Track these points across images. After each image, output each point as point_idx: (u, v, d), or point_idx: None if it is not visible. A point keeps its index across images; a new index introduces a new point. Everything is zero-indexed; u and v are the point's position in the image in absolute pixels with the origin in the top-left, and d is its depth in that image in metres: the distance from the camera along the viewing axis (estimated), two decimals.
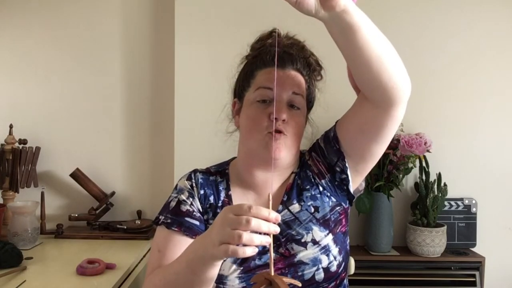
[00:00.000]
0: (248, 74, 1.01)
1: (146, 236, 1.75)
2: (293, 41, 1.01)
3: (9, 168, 1.78)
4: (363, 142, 0.92)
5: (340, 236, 0.97)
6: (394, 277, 1.69)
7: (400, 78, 0.80)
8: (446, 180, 1.76)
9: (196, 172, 1.05)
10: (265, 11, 1.78)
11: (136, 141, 1.94)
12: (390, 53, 0.78)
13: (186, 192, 1.00)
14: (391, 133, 0.89)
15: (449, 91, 1.84)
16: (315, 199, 0.97)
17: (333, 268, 0.92)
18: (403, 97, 0.82)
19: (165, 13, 1.89)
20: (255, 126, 0.94)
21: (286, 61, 0.97)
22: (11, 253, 1.39)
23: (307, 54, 1.01)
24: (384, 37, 0.77)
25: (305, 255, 0.92)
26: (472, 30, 1.84)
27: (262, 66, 0.98)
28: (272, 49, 0.97)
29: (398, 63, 0.79)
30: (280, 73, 0.95)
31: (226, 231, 0.69)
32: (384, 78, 0.78)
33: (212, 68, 1.80)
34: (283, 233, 0.94)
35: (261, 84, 0.95)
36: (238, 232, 0.68)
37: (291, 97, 0.95)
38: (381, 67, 0.77)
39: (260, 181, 0.99)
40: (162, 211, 1.00)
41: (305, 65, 1.00)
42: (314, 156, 1.00)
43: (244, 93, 1.00)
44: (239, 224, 0.68)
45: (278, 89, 0.93)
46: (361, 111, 0.89)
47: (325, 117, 1.10)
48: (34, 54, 1.92)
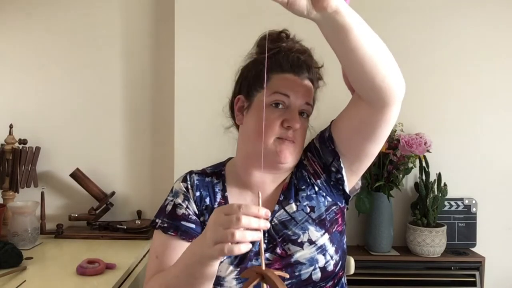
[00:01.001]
0: (261, 74, 0.96)
1: (146, 236, 1.75)
2: (303, 48, 1.02)
3: (9, 168, 1.79)
4: (357, 142, 0.93)
5: (336, 235, 0.97)
6: (394, 277, 1.69)
7: (393, 79, 0.80)
8: (446, 180, 1.76)
9: (191, 173, 1.05)
10: (265, 10, 1.78)
11: (136, 141, 1.94)
12: (384, 53, 0.78)
13: (181, 195, 1.01)
14: (385, 132, 0.90)
15: (449, 91, 1.84)
16: (311, 199, 0.98)
17: (330, 268, 0.93)
18: (396, 97, 0.82)
19: (165, 13, 1.89)
20: (266, 130, 0.93)
21: (303, 68, 0.98)
22: (11, 253, 1.38)
23: (316, 64, 1.03)
24: (377, 38, 0.77)
25: (301, 255, 0.92)
26: (472, 30, 1.84)
27: (279, 70, 0.97)
28: (290, 54, 0.98)
29: (391, 64, 0.79)
30: (298, 80, 0.97)
31: (219, 231, 0.71)
32: (378, 78, 0.78)
33: (212, 68, 1.80)
34: (279, 233, 0.94)
35: (279, 90, 0.95)
36: (230, 231, 0.70)
37: (304, 107, 0.97)
38: (375, 68, 0.77)
39: (257, 181, 1.00)
40: (158, 214, 1.01)
41: (315, 74, 1.02)
42: (310, 156, 1.01)
43: (254, 93, 0.99)
44: (231, 223, 0.70)
45: (293, 97, 0.95)
46: (355, 111, 0.90)
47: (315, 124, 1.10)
48: (34, 54, 1.91)
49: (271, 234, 0.95)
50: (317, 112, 1.05)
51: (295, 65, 0.97)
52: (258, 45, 1.04)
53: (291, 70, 0.97)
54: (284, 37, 1.02)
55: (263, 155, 0.93)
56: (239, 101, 1.02)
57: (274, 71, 0.97)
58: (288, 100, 0.95)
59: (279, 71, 0.97)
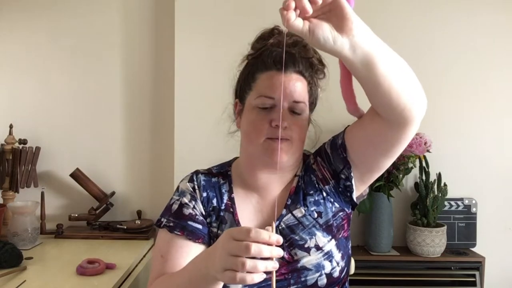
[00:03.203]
0: (249, 76, 0.97)
1: (146, 236, 1.74)
2: (296, 39, 0.96)
3: (9, 168, 1.79)
4: (372, 156, 0.91)
5: (342, 241, 0.96)
6: (394, 277, 1.69)
7: (418, 100, 0.79)
8: (446, 180, 1.76)
9: (198, 173, 1.03)
10: (266, 8, 1.78)
11: (136, 141, 1.94)
12: (409, 76, 0.77)
13: (188, 195, 0.99)
14: (402, 148, 0.88)
15: (449, 91, 1.84)
16: (319, 204, 0.96)
17: (336, 274, 0.92)
18: (419, 116, 0.82)
19: (165, 12, 1.89)
20: (254, 131, 0.92)
21: (287, 63, 0.92)
22: (11, 253, 1.38)
23: (310, 54, 0.97)
24: (402, 61, 0.76)
25: (308, 260, 0.91)
26: (472, 30, 1.84)
27: (263, 69, 0.94)
28: (274, 50, 0.94)
29: (416, 85, 0.78)
30: (281, 78, 0.91)
31: (229, 259, 0.68)
32: (403, 101, 0.77)
33: (212, 68, 1.80)
34: (286, 238, 0.93)
35: (262, 93, 0.92)
36: (241, 260, 0.66)
37: (292, 105, 0.93)
38: (401, 93, 0.76)
39: (263, 183, 0.98)
40: (164, 213, 0.99)
41: (307, 66, 0.96)
42: (319, 161, 0.99)
43: (245, 96, 0.98)
44: (240, 251, 0.66)
45: (278, 97, 0.91)
46: (372, 125, 0.87)
47: (328, 118, 1.08)
48: (34, 54, 1.91)
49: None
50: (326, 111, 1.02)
51: (278, 60, 0.92)
52: (251, 46, 1.02)
53: (275, 66, 0.93)
54: (276, 33, 0.98)
55: (259, 156, 0.93)
56: (237, 105, 1.02)
57: (259, 70, 0.95)
58: (273, 101, 0.91)
59: (263, 69, 0.94)
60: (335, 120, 0.99)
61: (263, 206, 0.99)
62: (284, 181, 1.00)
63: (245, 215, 0.98)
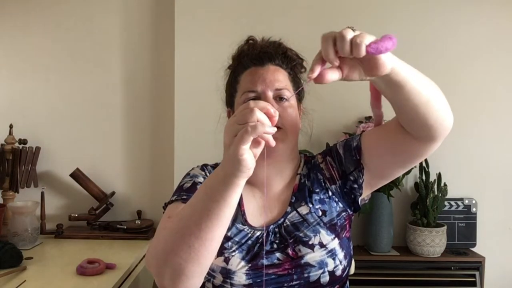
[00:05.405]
0: (233, 81, 1.04)
1: (146, 236, 1.74)
2: (270, 41, 1.04)
3: (9, 168, 1.79)
4: (389, 163, 0.94)
5: (345, 241, 0.98)
6: (394, 277, 1.69)
7: (445, 118, 0.82)
8: (446, 180, 1.76)
9: (207, 165, 1.06)
10: (265, 10, 1.79)
11: (136, 141, 1.94)
12: (437, 96, 0.80)
13: (201, 178, 1.00)
14: (420, 161, 0.91)
15: (449, 91, 1.83)
16: (323, 203, 0.98)
17: (338, 272, 0.93)
18: (446, 132, 0.85)
19: (165, 12, 1.89)
20: None
21: (263, 59, 1.00)
22: (11, 253, 1.39)
23: (285, 49, 1.03)
24: (429, 82, 0.78)
25: (312, 257, 0.92)
26: (473, 30, 1.84)
27: (243, 69, 1.02)
28: (249, 52, 1.02)
29: (443, 104, 0.81)
30: (260, 70, 0.98)
31: (234, 127, 0.68)
32: (431, 120, 0.80)
33: (212, 68, 1.76)
34: (291, 235, 0.95)
35: (245, 89, 0.98)
36: (246, 123, 0.66)
37: (276, 93, 0.97)
38: (429, 112, 0.79)
39: (263, 179, 1.00)
40: (175, 193, 0.96)
41: (284, 60, 1.02)
42: (329, 161, 1.01)
43: (233, 100, 1.03)
44: (244, 118, 0.67)
45: (262, 87, 0.96)
46: (396, 136, 0.89)
47: (328, 117, 1.09)
48: (34, 54, 1.92)
49: (282, 235, 0.95)
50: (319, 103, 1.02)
51: (255, 58, 1.00)
52: (231, 58, 1.08)
53: (253, 63, 1.00)
54: (250, 42, 1.06)
55: None
56: (230, 114, 1.07)
57: (240, 72, 1.02)
58: (257, 93, 0.96)
59: (243, 70, 1.01)
60: (335, 120, 0.99)
61: (266, 202, 1.01)
62: (285, 177, 1.02)
63: (250, 208, 1.00)
